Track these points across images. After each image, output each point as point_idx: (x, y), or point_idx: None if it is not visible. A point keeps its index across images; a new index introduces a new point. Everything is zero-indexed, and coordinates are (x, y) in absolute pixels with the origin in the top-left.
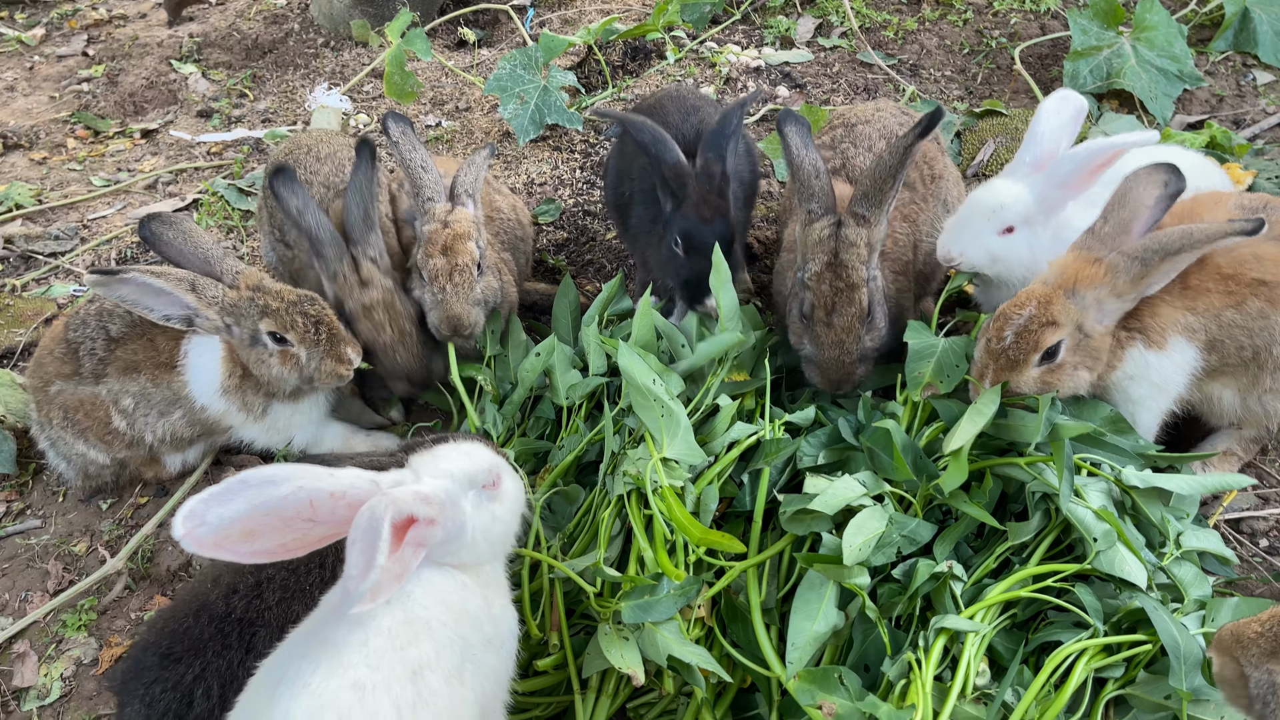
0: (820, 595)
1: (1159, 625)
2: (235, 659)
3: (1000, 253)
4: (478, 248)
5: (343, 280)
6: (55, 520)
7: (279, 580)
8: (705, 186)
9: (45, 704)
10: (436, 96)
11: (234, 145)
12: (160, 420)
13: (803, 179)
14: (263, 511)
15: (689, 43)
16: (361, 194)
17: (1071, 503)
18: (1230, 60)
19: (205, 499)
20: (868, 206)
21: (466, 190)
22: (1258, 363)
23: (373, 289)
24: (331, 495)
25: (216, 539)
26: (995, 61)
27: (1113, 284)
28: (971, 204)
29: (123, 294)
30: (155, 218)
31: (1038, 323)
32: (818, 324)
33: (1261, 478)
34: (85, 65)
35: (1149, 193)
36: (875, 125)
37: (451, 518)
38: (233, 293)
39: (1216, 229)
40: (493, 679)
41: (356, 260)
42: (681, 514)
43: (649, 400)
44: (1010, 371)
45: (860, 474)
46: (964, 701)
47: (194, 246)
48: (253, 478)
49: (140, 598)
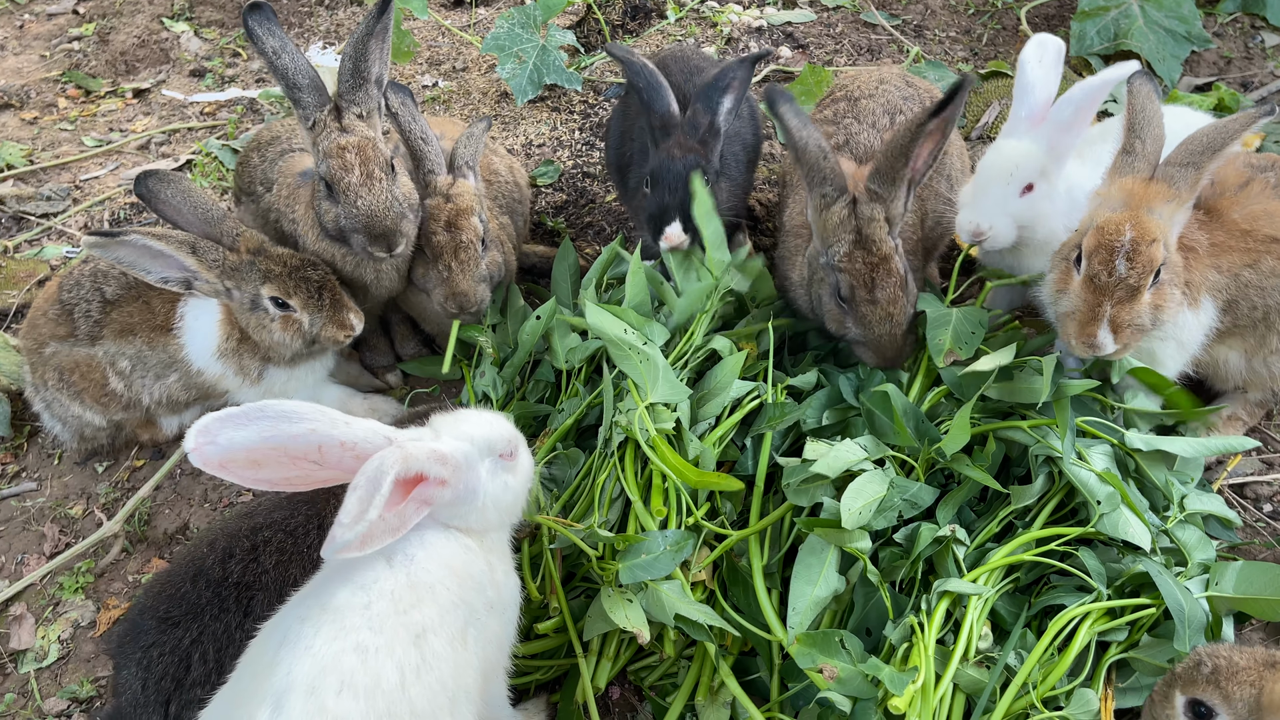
0: (821, 560)
1: (1163, 588)
2: (233, 623)
3: (1025, 214)
4: (481, 222)
5: (321, 126)
6: (51, 483)
7: (276, 543)
8: (686, 134)
9: (43, 666)
10: (433, 56)
11: (227, 105)
12: (156, 383)
13: (810, 162)
14: (272, 444)
15: (690, 2)
16: (356, 46)
17: (1075, 465)
18: (1239, 22)
19: (221, 418)
20: (881, 183)
21: (467, 162)
22: (1266, 323)
23: (351, 135)
24: (342, 445)
25: (223, 459)
26: (1001, 22)
27: (1178, 195)
28: (985, 172)
29: (120, 255)
30: (152, 175)
31: (1144, 241)
32: (861, 304)
33: (1266, 443)
34: (76, 24)
35: (1154, 101)
36: (879, 100)
37: (464, 480)
38: (233, 255)
39: (1247, 115)
40: (495, 644)
41: (340, 110)
42: (673, 458)
43: (624, 350)
44: (1130, 301)
45: (861, 438)
46: (966, 665)
47: (193, 206)
48: (271, 409)
49: (137, 560)
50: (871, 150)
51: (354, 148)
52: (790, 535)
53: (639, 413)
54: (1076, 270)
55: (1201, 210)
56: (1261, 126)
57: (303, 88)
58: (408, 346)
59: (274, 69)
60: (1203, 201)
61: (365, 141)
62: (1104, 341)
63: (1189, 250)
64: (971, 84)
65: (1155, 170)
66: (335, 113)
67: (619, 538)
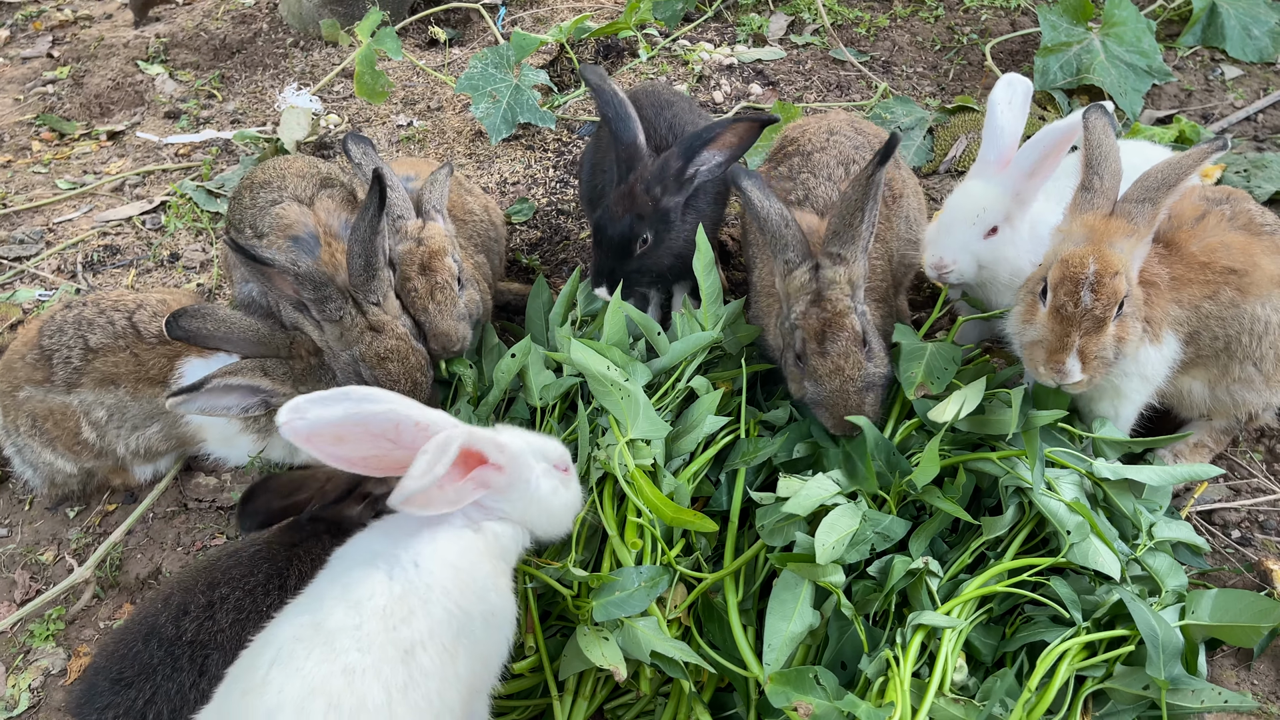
0: (795, 595)
1: (1137, 616)
2: (186, 681)
3: (988, 256)
4: (455, 262)
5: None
6: (22, 529)
7: (233, 601)
8: (646, 179)
9: (14, 715)
10: (408, 96)
11: (202, 146)
12: (134, 434)
13: (773, 231)
14: (355, 420)
15: (661, 40)
16: (365, 245)
17: (1044, 495)
18: (1198, 55)
19: (311, 399)
20: (841, 244)
21: (434, 206)
22: (1228, 352)
23: (384, 336)
24: (417, 424)
25: (310, 433)
26: (967, 58)
27: (1136, 231)
28: (952, 213)
29: (203, 404)
30: (182, 315)
31: (1107, 274)
32: (812, 357)
33: (1232, 469)
34: (50, 67)
35: (1110, 135)
36: (832, 153)
37: (519, 471)
38: (299, 363)
39: (1200, 151)
40: (484, 661)
41: (360, 305)
42: (652, 493)
43: (606, 386)
44: (1097, 333)
45: (833, 471)
46: (943, 700)
47: (240, 334)
48: (355, 393)
49: (109, 606)
50: (831, 202)
51: (394, 356)
52: (765, 569)
53: (619, 448)
54: (1042, 303)
55: (1161, 244)
56: (1217, 160)
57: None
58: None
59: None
60: (1161, 235)
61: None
62: (1072, 369)
63: (1150, 285)
64: (898, 142)
65: (1114, 206)
66: (356, 306)
67: (592, 576)
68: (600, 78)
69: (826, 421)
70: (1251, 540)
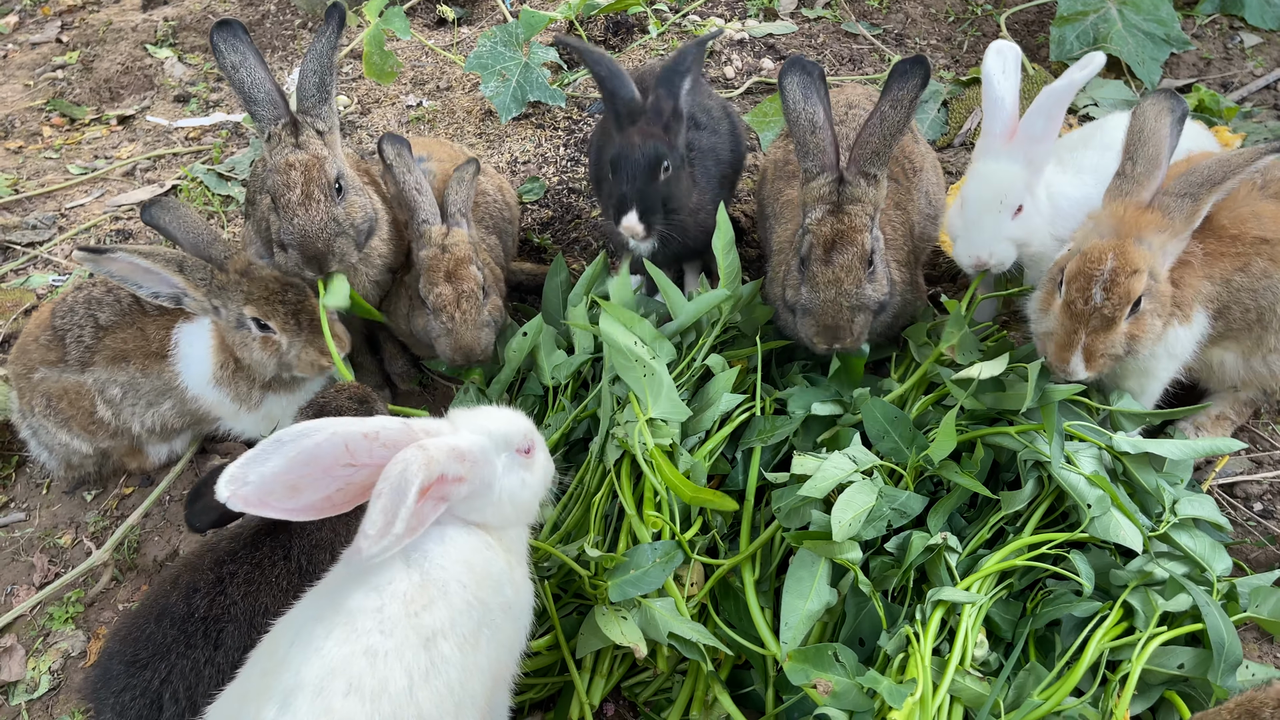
0: (812, 573)
1: (1209, 621)
2: (201, 657)
3: (1020, 234)
4: (479, 269)
5: (275, 140)
6: (40, 513)
7: (242, 575)
8: (650, 121)
9: (34, 697)
10: (417, 76)
11: (212, 130)
12: (149, 410)
13: (799, 135)
14: (302, 463)
15: (671, 16)
16: (321, 60)
17: (1063, 469)
18: (1217, 23)
19: (243, 462)
20: (877, 164)
21: (460, 210)
22: (1262, 324)
23: (303, 152)
24: (365, 436)
25: (261, 495)
26: (981, 29)
27: (1171, 226)
28: (974, 203)
29: (111, 270)
30: (154, 203)
31: (1124, 273)
32: (815, 263)
33: (1254, 441)
34: (59, 52)
35: (1162, 121)
36: (851, 126)
37: (480, 475)
38: (221, 275)
39: (1253, 151)
40: (506, 648)
41: (298, 126)
42: (671, 473)
43: (630, 361)
44: (1105, 331)
45: (849, 448)
46: (965, 676)
47: (186, 229)
48: (286, 435)
49: (127, 589)
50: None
51: (300, 165)
52: (781, 548)
53: (639, 426)
54: (1059, 292)
55: None
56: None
57: (259, 101)
58: (396, 365)
59: (232, 82)
60: None
61: (313, 160)
62: (1076, 368)
63: (1184, 264)
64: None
65: (1153, 196)
66: (292, 127)
67: (606, 557)
68: (579, 42)
69: (810, 329)
70: (1274, 513)
